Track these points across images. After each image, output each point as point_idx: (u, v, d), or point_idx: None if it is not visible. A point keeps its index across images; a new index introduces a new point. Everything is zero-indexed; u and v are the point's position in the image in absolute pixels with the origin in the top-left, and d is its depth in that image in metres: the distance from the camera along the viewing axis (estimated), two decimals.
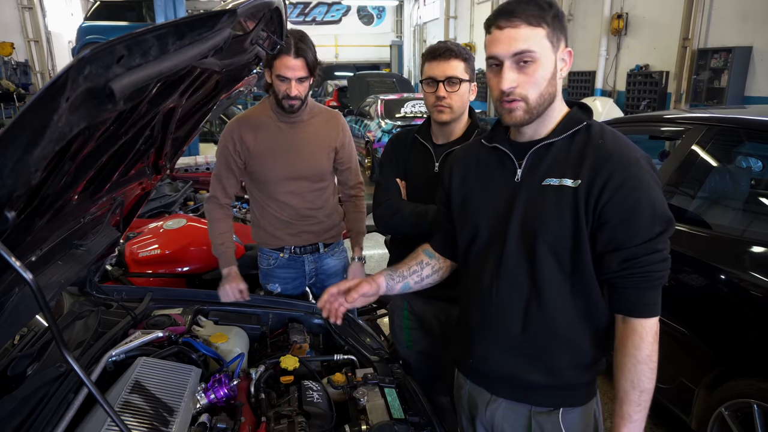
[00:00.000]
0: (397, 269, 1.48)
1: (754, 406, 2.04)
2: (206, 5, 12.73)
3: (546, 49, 1.14)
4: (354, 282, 1.40)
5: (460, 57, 1.75)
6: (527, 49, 1.12)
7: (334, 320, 1.40)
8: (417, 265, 1.49)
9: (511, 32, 1.12)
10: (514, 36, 1.12)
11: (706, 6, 7.88)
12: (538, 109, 1.18)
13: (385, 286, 1.43)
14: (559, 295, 1.22)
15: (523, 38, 1.12)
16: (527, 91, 1.15)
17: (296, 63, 2.00)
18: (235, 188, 2.28)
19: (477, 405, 1.41)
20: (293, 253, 2.32)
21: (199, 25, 0.95)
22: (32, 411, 1.30)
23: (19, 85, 12.58)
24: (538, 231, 1.19)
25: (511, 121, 1.20)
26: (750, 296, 2.10)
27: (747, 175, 2.82)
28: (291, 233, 2.27)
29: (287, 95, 2.05)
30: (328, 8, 22.48)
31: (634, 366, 1.17)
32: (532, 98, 1.16)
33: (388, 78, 13.54)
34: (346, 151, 2.31)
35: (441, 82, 1.74)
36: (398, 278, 1.46)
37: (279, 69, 2.01)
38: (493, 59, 1.17)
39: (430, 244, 1.53)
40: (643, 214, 1.12)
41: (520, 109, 1.17)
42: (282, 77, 2.02)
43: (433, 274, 1.51)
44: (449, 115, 1.78)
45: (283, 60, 1.99)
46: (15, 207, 0.72)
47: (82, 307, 1.89)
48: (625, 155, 1.15)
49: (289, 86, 2.03)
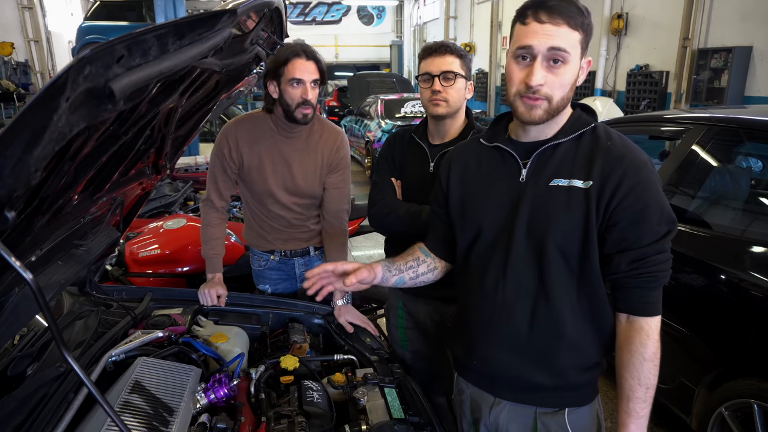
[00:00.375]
0: (395, 262, 1.46)
1: (754, 406, 2.04)
2: (206, 5, 12.72)
3: (577, 54, 1.13)
4: (352, 266, 1.35)
5: (455, 53, 1.76)
6: (564, 48, 1.10)
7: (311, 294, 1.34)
8: (414, 261, 1.48)
9: (552, 29, 1.10)
10: (555, 33, 1.10)
11: (706, 6, 7.88)
12: (557, 111, 1.17)
13: (381, 276, 1.40)
14: (566, 296, 1.22)
15: (563, 37, 1.10)
16: (553, 91, 1.14)
17: (310, 65, 1.95)
18: (231, 190, 2.24)
19: (480, 408, 1.40)
20: (284, 255, 2.31)
21: (199, 25, 0.95)
22: (32, 411, 1.30)
23: (19, 85, 12.56)
24: (547, 232, 1.19)
25: (529, 117, 1.16)
26: (750, 296, 2.10)
27: (747, 175, 2.81)
28: (281, 239, 2.28)
29: (304, 100, 1.96)
30: (328, 8, 22.48)
31: (641, 363, 1.19)
32: (556, 99, 1.15)
33: (388, 78, 13.55)
34: (338, 174, 2.18)
35: (436, 76, 1.75)
36: (395, 271, 1.44)
37: (292, 73, 1.94)
38: (524, 50, 1.13)
39: (424, 243, 1.52)
40: (652, 216, 1.14)
41: (541, 108, 1.15)
42: (297, 80, 1.94)
43: (429, 272, 1.49)
44: (445, 109, 1.77)
45: (295, 63, 1.93)
46: (15, 207, 0.72)
47: (82, 307, 1.89)
48: (635, 158, 1.16)
49: (305, 89, 1.96)
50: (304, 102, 1.97)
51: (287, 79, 1.95)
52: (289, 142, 2.12)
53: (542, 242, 1.20)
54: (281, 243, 2.28)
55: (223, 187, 2.20)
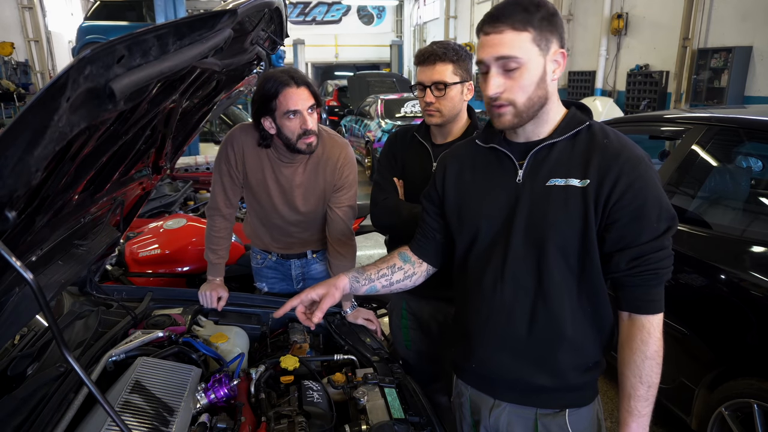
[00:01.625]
0: (366, 271, 1.42)
1: (754, 406, 2.04)
2: (206, 5, 12.71)
3: (533, 54, 1.13)
4: (316, 292, 1.33)
5: (446, 60, 1.71)
6: (511, 54, 1.11)
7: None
8: (388, 269, 1.44)
9: (495, 38, 1.12)
10: (498, 41, 1.12)
11: (706, 6, 7.88)
12: (527, 112, 1.17)
13: (349, 287, 1.38)
14: (566, 296, 1.22)
15: (507, 44, 1.11)
16: (514, 95, 1.15)
17: (302, 92, 1.83)
18: (239, 195, 2.17)
19: (480, 410, 1.40)
20: (281, 257, 2.30)
21: (199, 25, 0.95)
22: (32, 411, 1.30)
23: (19, 85, 12.56)
24: (546, 232, 1.18)
25: (500, 125, 1.20)
26: (750, 296, 2.10)
27: (747, 175, 2.81)
28: (279, 246, 2.27)
29: (305, 130, 1.85)
30: (328, 8, 22.48)
31: (643, 362, 1.19)
32: (520, 102, 1.15)
33: (388, 78, 13.54)
34: (342, 192, 2.07)
35: (428, 87, 1.74)
36: (364, 281, 1.41)
37: (286, 105, 1.82)
38: (480, 65, 1.17)
39: (409, 247, 1.49)
40: (651, 213, 1.13)
41: (508, 114, 1.17)
42: (292, 112, 1.83)
43: (405, 279, 1.45)
44: (439, 119, 1.77)
45: (287, 94, 1.81)
46: (15, 207, 0.72)
47: (82, 307, 1.89)
48: (632, 154, 1.15)
49: (303, 119, 1.84)
50: (305, 132, 1.87)
51: (282, 113, 1.84)
52: (289, 167, 2.03)
53: (541, 243, 1.20)
54: (279, 247, 2.27)
55: (231, 194, 2.12)
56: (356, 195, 2.14)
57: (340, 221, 2.08)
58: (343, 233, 2.10)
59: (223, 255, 2.20)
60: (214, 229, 2.16)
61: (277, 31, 1.71)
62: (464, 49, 1.78)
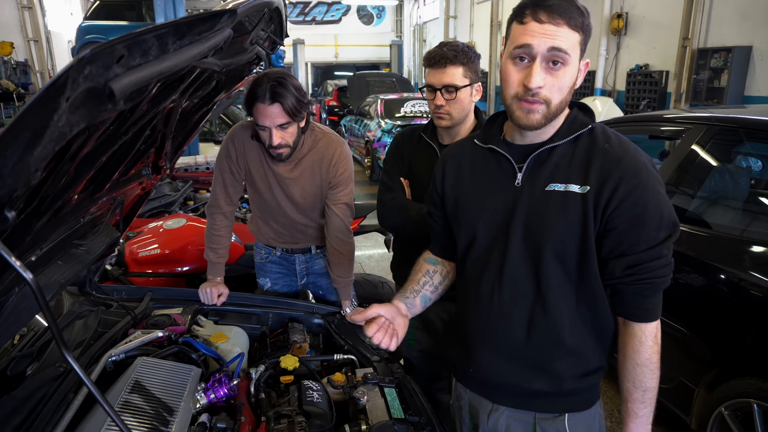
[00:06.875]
0: (407, 289, 1.41)
1: (754, 405, 2.04)
2: (206, 5, 12.71)
3: (576, 56, 1.09)
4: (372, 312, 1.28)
5: (457, 62, 1.71)
6: (565, 49, 1.06)
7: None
8: (426, 277, 1.44)
9: (551, 28, 1.05)
10: (555, 33, 1.05)
11: (706, 5, 7.88)
12: (554, 115, 1.12)
13: (406, 309, 1.36)
14: (564, 302, 1.20)
15: (564, 38, 1.05)
16: (552, 94, 1.09)
17: (272, 110, 1.83)
18: (240, 193, 2.20)
19: (479, 414, 1.38)
20: (285, 251, 2.32)
21: (199, 25, 0.95)
22: (32, 411, 1.30)
23: (19, 84, 12.55)
24: (544, 238, 1.16)
25: (526, 122, 1.12)
26: (750, 296, 2.10)
27: (747, 174, 2.81)
28: (283, 240, 2.29)
29: (270, 145, 1.91)
30: (328, 8, 22.46)
31: (635, 368, 1.19)
32: (554, 103, 1.10)
33: (388, 78, 13.54)
34: (337, 190, 2.10)
35: (438, 90, 1.73)
36: (412, 294, 1.40)
37: (257, 118, 1.87)
38: (523, 50, 1.07)
39: (429, 250, 1.49)
40: (650, 221, 1.10)
41: (539, 113, 1.10)
42: (260, 126, 1.88)
43: (444, 279, 1.46)
44: (449, 122, 1.78)
45: (257, 108, 1.84)
46: (15, 207, 0.72)
47: (82, 307, 1.89)
48: (633, 160, 1.12)
49: (269, 135, 1.88)
50: (271, 146, 1.92)
51: (255, 121, 1.90)
52: (280, 165, 2.07)
53: (539, 248, 1.17)
54: (283, 243, 2.30)
55: (232, 191, 2.16)
56: (353, 192, 2.16)
57: (337, 219, 2.11)
58: (341, 231, 2.12)
59: (223, 254, 2.21)
60: (214, 227, 2.19)
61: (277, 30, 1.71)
62: (473, 50, 1.78)
